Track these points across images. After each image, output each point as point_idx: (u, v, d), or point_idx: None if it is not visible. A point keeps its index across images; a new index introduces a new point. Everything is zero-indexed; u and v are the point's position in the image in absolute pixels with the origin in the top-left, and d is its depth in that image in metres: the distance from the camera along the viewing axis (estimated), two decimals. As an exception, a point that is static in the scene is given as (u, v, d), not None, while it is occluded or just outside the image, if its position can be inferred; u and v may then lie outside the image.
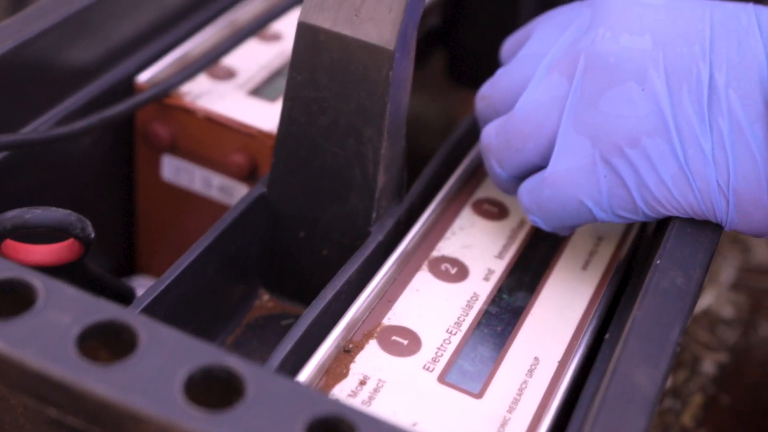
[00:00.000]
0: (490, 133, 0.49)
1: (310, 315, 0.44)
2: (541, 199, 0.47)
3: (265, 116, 0.56)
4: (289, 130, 0.49)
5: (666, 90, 0.45)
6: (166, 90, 0.55)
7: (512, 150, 0.48)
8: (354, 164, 0.48)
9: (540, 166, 0.48)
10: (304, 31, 0.47)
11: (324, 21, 0.46)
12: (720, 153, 0.44)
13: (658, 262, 0.43)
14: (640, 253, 0.53)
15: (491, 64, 0.58)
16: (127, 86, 0.57)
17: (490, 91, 0.51)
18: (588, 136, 0.46)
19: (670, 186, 0.45)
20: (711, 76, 0.45)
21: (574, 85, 0.46)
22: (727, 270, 0.75)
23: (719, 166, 0.44)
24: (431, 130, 0.73)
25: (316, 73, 0.47)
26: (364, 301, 0.45)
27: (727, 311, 0.72)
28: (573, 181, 0.46)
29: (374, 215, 0.49)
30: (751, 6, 0.47)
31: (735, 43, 0.46)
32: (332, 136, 0.48)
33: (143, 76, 0.57)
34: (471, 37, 0.67)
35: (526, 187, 0.48)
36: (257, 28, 0.63)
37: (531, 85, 0.48)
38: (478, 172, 0.55)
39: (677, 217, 0.46)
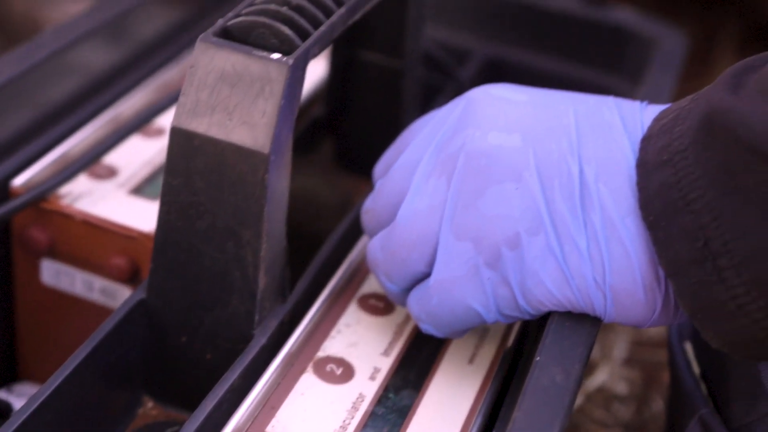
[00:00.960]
0: (375, 247, 0.49)
1: (190, 427, 0.43)
2: (430, 307, 0.47)
3: (147, 216, 0.55)
4: (167, 235, 0.48)
5: (539, 187, 0.46)
6: (42, 194, 0.54)
7: (398, 262, 0.48)
8: (234, 267, 0.48)
9: (428, 274, 0.48)
10: (177, 135, 0.46)
11: (198, 125, 0.46)
12: (595, 249, 0.45)
13: (538, 358, 0.43)
14: (526, 342, 0.53)
15: (378, 151, 0.59)
16: (2, 191, 0.55)
17: (372, 203, 0.51)
18: (469, 240, 0.46)
19: (549, 285, 0.45)
20: (581, 172, 0.46)
21: (450, 189, 0.47)
22: (619, 345, 0.76)
23: (595, 262, 0.45)
24: (328, 210, 0.73)
25: (192, 177, 0.47)
26: (246, 411, 0.44)
27: (621, 387, 0.73)
28: (458, 286, 0.46)
29: (257, 317, 0.48)
30: (611, 100, 0.48)
31: (601, 137, 0.46)
32: (210, 240, 0.48)
33: (19, 180, 0.56)
34: (357, 125, 0.67)
35: (414, 296, 0.48)
36: (140, 123, 0.62)
37: (410, 193, 0.48)
38: (363, 267, 0.55)
39: (557, 311, 0.46)
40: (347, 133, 0.68)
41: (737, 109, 0.41)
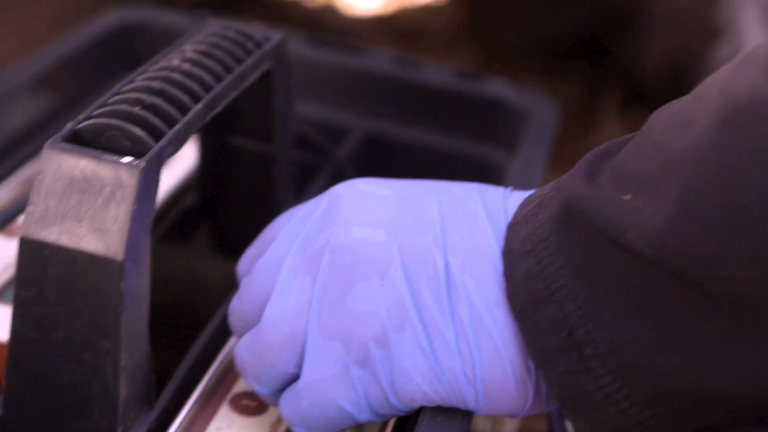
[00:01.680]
0: (242, 350, 0.48)
1: None
2: (301, 409, 0.46)
3: (7, 324, 0.53)
4: (21, 348, 0.46)
5: (405, 282, 0.45)
6: None
7: (266, 364, 0.46)
8: (93, 379, 0.46)
9: (298, 375, 0.47)
10: (27, 246, 0.45)
11: (48, 234, 0.44)
12: (464, 342, 0.44)
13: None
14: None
15: (254, 236, 0.57)
16: None
17: (238, 303, 0.49)
18: (337, 339, 0.45)
19: (419, 381, 0.44)
20: (447, 264, 0.45)
21: (317, 287, 0.45)
22: (511, 420, 0.75)
23: (464, 356, 0.44)
24: (210, 289, 0.71)
25: (45, 288, 0.45)
26: None
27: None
28: (329, 386, 0.45)
29: (120, 429, 0.46)
30: (476, 189, 0.47)
31: (466, 228, 0.46)
32: (67, 352, 0.46)
33: None
34: (232, 210, 0.66)
35: (285, 398, 0.47)
36: (3, 222, 0.60)
37: (275, 292, 0.47)
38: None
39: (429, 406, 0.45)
40: (222, 218, 0.67)
41: (593, 198, 0.41)
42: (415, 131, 0.75)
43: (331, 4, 1.56)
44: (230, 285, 0.68)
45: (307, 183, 0.70)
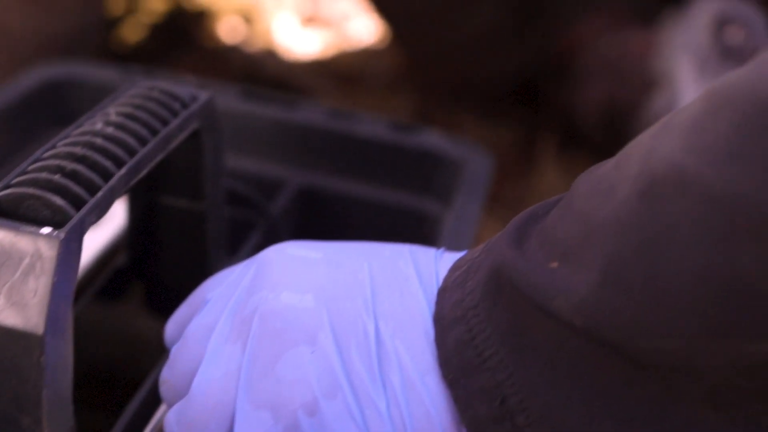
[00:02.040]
0: (170, 421, 0.46)
1: None
2: None
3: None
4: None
5: (335, 349, 0.44)
6: None
7: (195, 437, 0.45)
8: (14, 457, 0.44)
9: (230, 446, 0.45)
10: (-57, 321, 0.43)
11: (-36, 309, 0.43)
12: (396, 410, 0.43)
13: None
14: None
15: (187, 296, 0.56)
16: None
17: (168, 373, 0.48)
18: (267, 408, 0.44)
19: (350, 450, 0.43)
20: (377, 329, 0.44)
21: (246, 354, 0.44)
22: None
23: (396, 425, 0.43)
24: (144, 352, 0.70)
25: (-38, 364, 0.43)
26: None
27: None
28: (258, 457, 0.44)
29: (43, 508, 0.45)
30: (407, 250, 0.47)
31: (397, 291, 0.45)
32: (-13, 429, 0.44)
33: None
34: (164, 270, 0.65)
35: (216, 471, 0.46)
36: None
37: (205, 361, 0.46)
38: (165, 433, 0.52)
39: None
40: (154, 278, 0.66)
41: (520, 265, 0.40)
42: (350, 184, 0.74)
43: (270, 49, 1.56)
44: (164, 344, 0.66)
45: (241, 239, 0.69)
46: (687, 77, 0.92)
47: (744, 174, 0.34)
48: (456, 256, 0.47)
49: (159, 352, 0.64)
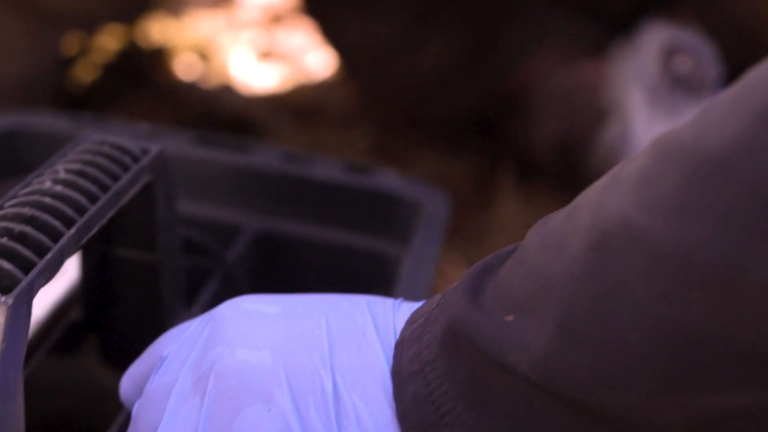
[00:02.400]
0: None
1: None
2: None
3: None
4: None
5: (292, 406, 0.43)
6: None
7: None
8: None
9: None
10: None
11: None
12: (353, 467, 0.43)
13: None
14: None
15: (143, 348, 0.55)
16: None
17: None
18: None
19: None
20: (335, 385, 0.44)
21: (203, 414, 0.44)
22: None
23: (354, 481, 0.43)
24: (101, 407, 0.69)
25: None
26: None
27: None
28: None
29: None
30: (364, 302, 0.47)
31: (354, 345, 0.45)
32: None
33: None
34: (119, 322, 0.64)
35: None
36: None
37: (163, 421, 0.45)
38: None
39: None
40: (110, 331, 0.65)
41: (476, 319, 0.40)
42: (307, 227, 0.74)
43: (227, 85, 1.55)
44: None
45: (198, 288, 0.68)
46: (638, 107, 0.93)
47: (692, 229, 0.34)
48: (414, 306, 0.47)
49: (116, 406, 0.63)
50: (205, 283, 0.68)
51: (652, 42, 0.94)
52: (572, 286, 0.37)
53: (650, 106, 0.93)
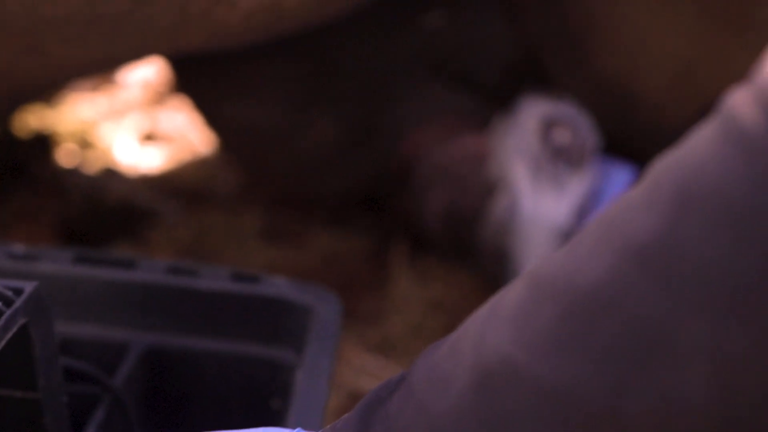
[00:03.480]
0: None
1: None
2: None
3: None
4: None
5: None
6: None
7: None
8: None
9: None
10: None
11: None
12: None
13: None
14: None
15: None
16: None
17: None
18: None
19: None
20: None
21: None
22: None
23: None
24: None
25: None
26: None
27: None
28: None
29: None
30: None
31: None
32: None
33: None
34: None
35: None
36: None
37: None
38: None
39: None
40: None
41: None
42: (197, 340, 0.72)
43: (112, 170, 1.52)
44: None
45: (86, 416, 0.65)
46: (523, 180, 0.94)
47: (570, 367, 0.35)
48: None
49: None
50: (93, 411, 0.66)
51: (531, 115, 0.95)
52: (458, 423, 0.37)
53: (534, 179, 0.94)
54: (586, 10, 1.11)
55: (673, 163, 0.36)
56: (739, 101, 0.34)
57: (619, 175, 0.97)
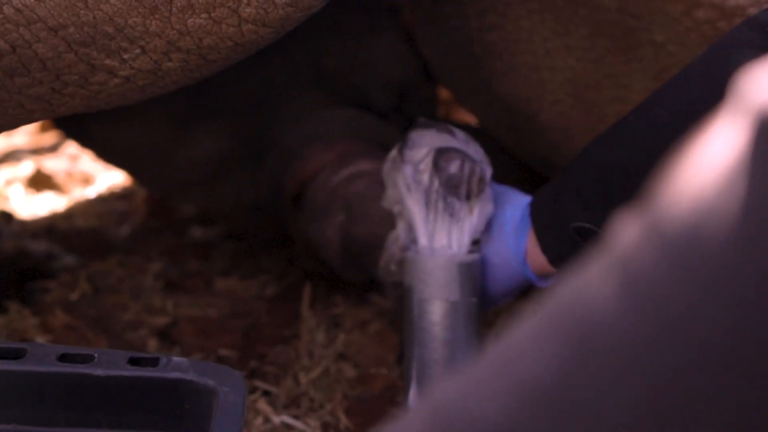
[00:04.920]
0: None
1: None
2: None
3: None
4: None
5: None
6: None
7: None
8: None
9: None
10: None
11: None
12: None
13: None
14: None
15: None
16: None
17: None
18: None
19: None
20: None
21: None
22: None
23: None
24: None
25: None
26: None
27: None
28: None
29: None
30: None
31: None
32: None
33: None
34: None
35: None
36: None
37: None
38: None
39: None
40: None
41: None
42: (95, 430, 0.68)
43: (3, 220, 1.46)
44: None
45: None
46: (417, 213, 0.92)
47: None
48: None
49: None
50: None
51: (422, 145, 0.94)
52: None
53: (428, 211, 0.93)
54: (485, 33, 1.10)
55: (569, 298, 0.34)
56: (634, 240, 0.33)
57: (516, 202, 0.96)
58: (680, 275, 0.31)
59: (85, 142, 1.28)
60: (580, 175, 0.92)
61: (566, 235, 0.91)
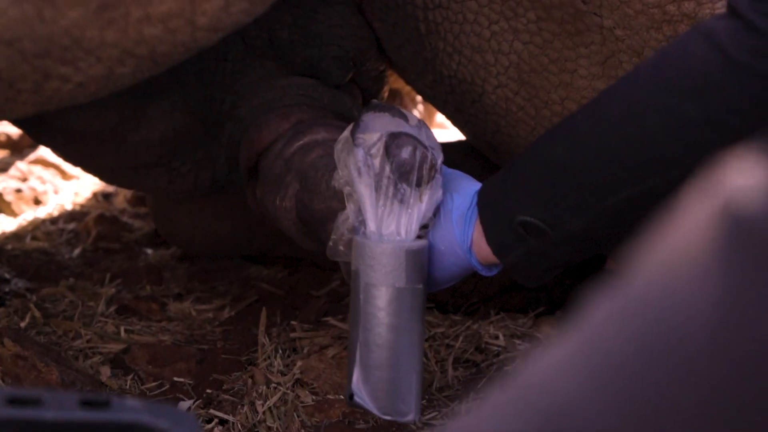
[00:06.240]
0: None
1: None
2: None
3: None
4: None
5: None
6: None
7: None
8: None
9: None
10: None
11: None
12: None
13: None
14: None
15: None
16: None
17: None
18: None
19: None
20: None
21: None
22: None
23: None
24: None
25: None
26: None
27: None
28: None
29: None
30: None
31: None
32: None
33: None
34: None
35: None
36: None
37: None
38: None
39: None
40: None
41: None
42: (46, 477, 0.66)
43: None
44: None
45: None
46: (366, 192, 0.91)
47: None
48: None
49: None
50: None
51: (374, 130, 0.93)
52: None
53: (378, 196, 0.92)
54: (430, 12, 1.09)
55: (538, 380, 0.33)
56: (603, 323, 0.32)
57: (465, 190, 0.95)
58: (648, 362, 0.30)
59: (45, 135, 1.24)
60: (528, 170, 0.93)
61: (511, 229, 0.91)
